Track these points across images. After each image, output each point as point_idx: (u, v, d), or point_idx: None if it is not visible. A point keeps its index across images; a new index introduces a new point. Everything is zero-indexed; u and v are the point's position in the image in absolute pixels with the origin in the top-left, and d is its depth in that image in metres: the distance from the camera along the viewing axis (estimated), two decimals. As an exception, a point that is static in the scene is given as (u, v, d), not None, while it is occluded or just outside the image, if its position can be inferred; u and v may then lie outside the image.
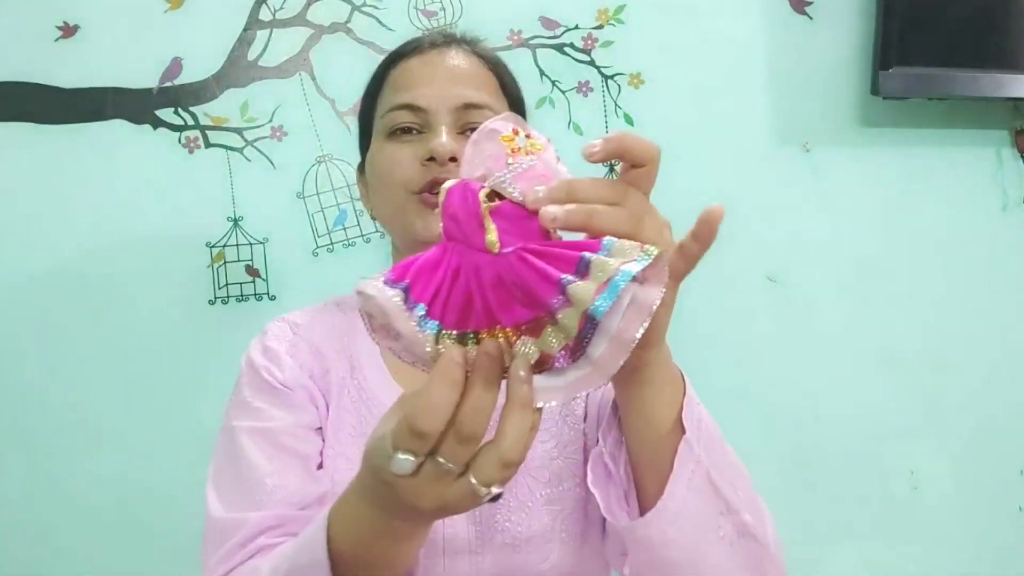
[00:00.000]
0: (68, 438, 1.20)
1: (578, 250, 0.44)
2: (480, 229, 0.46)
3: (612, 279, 0.42)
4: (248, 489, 0.74)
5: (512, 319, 0.45)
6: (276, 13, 1.19)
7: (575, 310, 0.43)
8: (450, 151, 0.77)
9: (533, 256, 0.45)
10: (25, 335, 1.19)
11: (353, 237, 1.21)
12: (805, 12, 1.21)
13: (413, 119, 0.81)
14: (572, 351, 0.45)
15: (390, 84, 0.84)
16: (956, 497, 1.26)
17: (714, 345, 1.22)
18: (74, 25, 1.17)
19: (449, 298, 0.46)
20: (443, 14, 1.20)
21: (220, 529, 0.73)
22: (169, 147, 1.19)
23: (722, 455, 0.65)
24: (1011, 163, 1.25)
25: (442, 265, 0.47)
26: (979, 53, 1.18)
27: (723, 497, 0.62)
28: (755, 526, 0.63)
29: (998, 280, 1.25)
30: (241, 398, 0.81)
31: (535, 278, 0.44)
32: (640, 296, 0.44)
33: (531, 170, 0.47)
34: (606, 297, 0.42)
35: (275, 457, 0.75)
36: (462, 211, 0.46)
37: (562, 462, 0.79)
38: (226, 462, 0.78)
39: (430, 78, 0.82)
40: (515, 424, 0.45)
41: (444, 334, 0.46)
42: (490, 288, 0.45)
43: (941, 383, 1.25)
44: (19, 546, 1.20)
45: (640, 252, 0.44)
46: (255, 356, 0.83)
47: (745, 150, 1.22)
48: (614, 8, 1.20)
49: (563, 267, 0.44)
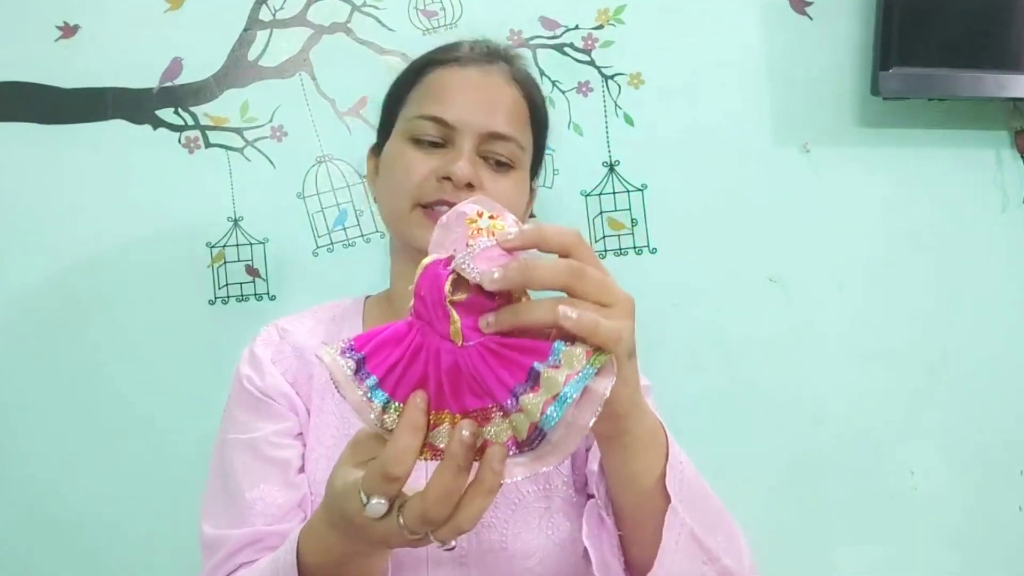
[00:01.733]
0: (68, 438, 1.20)
1: (531, 355, 0.48)
2: (445, 318, 0.49)
3: (559, 395, 0.46)
4: (231, 504, 0.79)
5: (461, 406, 0.49)
6: (276, 13, 1.19)
7: (526, 418, 0.47)
8: (468, 177, 0.78)
9: (491, 356, 0.48)
10: (25, 335, 1.19)
11: (353, 237, 1.21)
12: (805, 12, 1.21)
13: (439, 133, 0.82)
14: (520, 445, 0.48)
15: (424, 87, 0.85)
16: (956, 497, 1.26)
17: (714, 345, 1.22)
18: (74, 25, 1.17)
19: (405, 375, 0.50)
20: (443, 14, 1.20)
21: (208, 545, 0.79)
22: (169, 147, 1.19)
23: (703, 506, 0.68)
24: (1011, 163, 1.25)
25: (405, 341, 0.50)
26: (979, 53, 1.18)
27: (706, 548, 0.66)
28: (734, 567, 0.68)
29: (998, 280, 1.25)
30: (230, 411, 0.85)
31: (492, 379, 0.48)
32: (592, 387, 0.48)
33: (488, 251, 0.49)
34: (554, 410, 0.46)
35: (257, 469, 0.80)
36: (430, 297, 0.50)
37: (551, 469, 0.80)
38: (215, 477, 0.84)
39: (464, 98, 0.82)
40: (478, 504, 0.49)
41: (392, 406, 0.50)
42: (446, 373, 0.49)
43: (941, 383, 1.25)
44: (17, 549, 1.20)
45: (586, 362, 0.47)
46: (242, 366, 0.86)
47: (745, 150, 1.22)
48: (614, 8, 1.20)
49: (516, 374, 0.48)
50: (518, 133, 0.84)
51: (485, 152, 0.82)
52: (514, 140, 0.83)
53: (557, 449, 0.48)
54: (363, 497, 0.51)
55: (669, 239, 1.21)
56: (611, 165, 1.21)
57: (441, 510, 0.48)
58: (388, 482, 0.49)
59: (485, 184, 0.80)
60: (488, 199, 0.54)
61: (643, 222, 1.21)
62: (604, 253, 1.21)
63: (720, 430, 1.22)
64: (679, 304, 1.21)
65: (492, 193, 0.80)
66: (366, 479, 0.51)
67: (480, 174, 0.81)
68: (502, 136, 0.82)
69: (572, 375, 0.47)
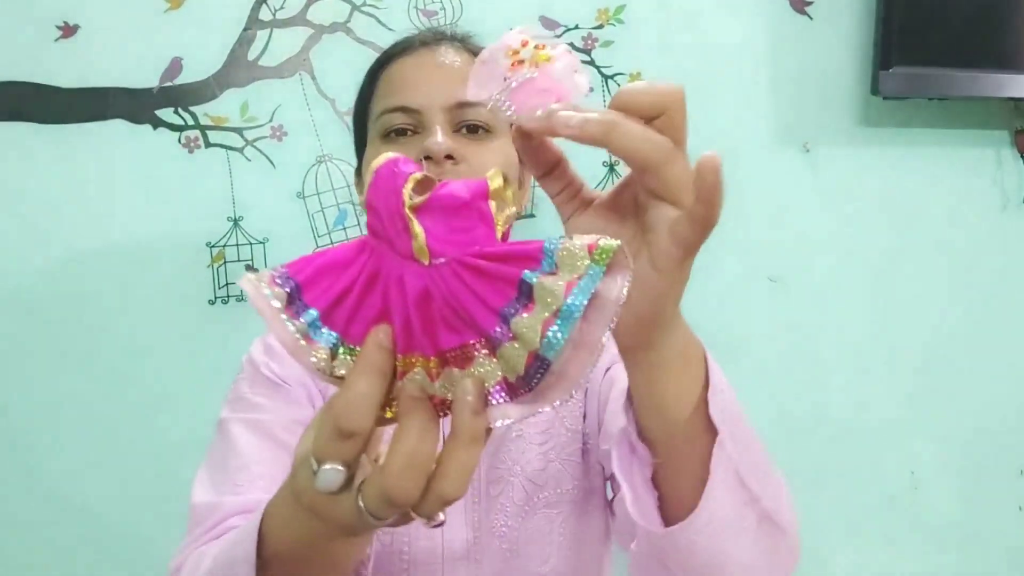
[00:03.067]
0: (68, 437, 1.20)
1: (519, 263, 0.36)
2: (405, 231, 0.37)
3: (561, 308, 0.35)
4: (231, 475, 0.73)
5: (435, 345, 0.37)
6: (276, 13, 1.19)
7: (522, 347, 0.36)
8: (446, 149, 0.75)
9: (470, 273, 0.37)
10: (24, 335, 1.19)
11: (353, 237, 1.21)
12: (805, 12, 1.21)
13: (407, 120, 0.80)
14: (512, 388, 0.37)
15: (382, 86, 0.84)
16: (956, 497, 1.26)
17: (714, 345, 1.21)
18: (74, 25, 1.17)
19: (359, 308, 0.39)
20: (443, 14, 1.20)
21: (197, 514, 0.72)
22: (169, 147, 1.19)
23: (746, 440, 0.57)
24: (1011, 163, 1.25)
25: (354, 266, 0.39)
26: (979, 53, 1.18)
27: (748, 488, 0.56)
28: (774, 511, 0.59)
29: (998, 280, 1.25)
30: (238, 394, 0.81)
31: (473, 302, 0.36)
32: (602, 291, 0.36)
33: (529, 84, 0.40)
34: (558, 330, 0.35)
35: (266, 448, 0.75)
36: (384, 205, 0.38)
37: (559, 464, 0.79)
38: (215, 452, 0.77)
39: (422, 78, 0.80)
40: (461, 462, 0.38)
41: (343, 348, 0.39)
42: (414, 304, 0.37)
43: (941, 383, 1.25)
44: (14, 547, 1.20)
45: (589, 258, 0.36)
46: (256, 354, 0.83)
47: (745, 150, 1.22)
48: (614, 8, 1.20)
49: (504, 291, 0.36)
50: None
51: (459, 123, 0.79)
52: (482, 103, 0.81)
53: (562, 380, 0.36)
54: (313, 464, 0.40)
55: (669, 239, 1.21)
56: (611, 165, 1.21)
57: (408, 484, 0.38)
58: (341, 440, 0.38)
59: (466, 154, 0.77)
60: (536, 26, 0.44)
61: (643, 222, 1.21)
62: (604, 253, 1.21)
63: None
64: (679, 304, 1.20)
65: (476, 162, 0.76)
66: (316, 439, 0.40)
67: (459, 145, 0.77)
68: (468, 103, 0.79)
69: (574, 280, 0.35)
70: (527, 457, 0.79)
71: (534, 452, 0.79)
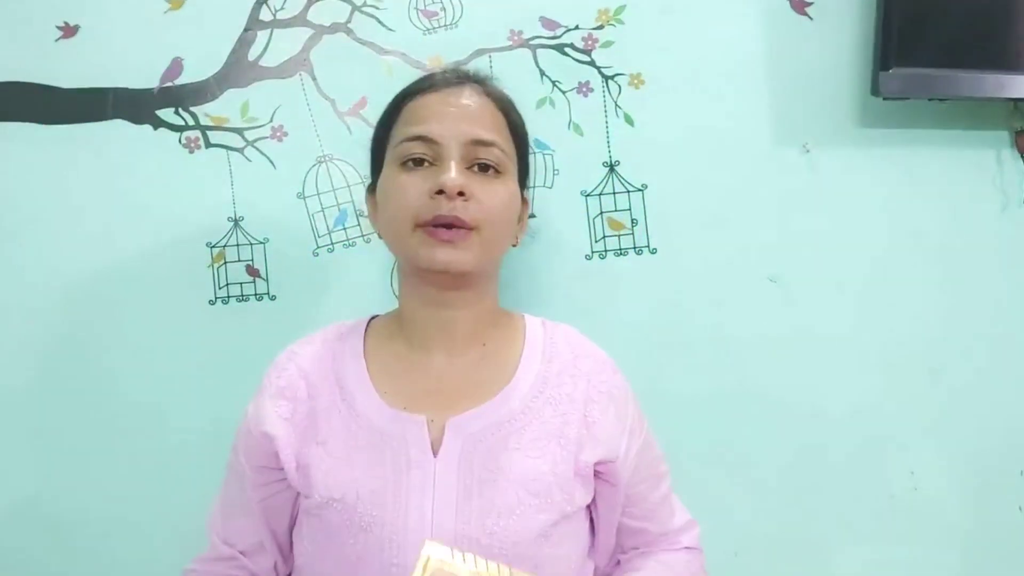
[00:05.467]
0: (68, 438, 1.20)
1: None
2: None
3: None
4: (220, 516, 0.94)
5: None
6: (276, 13, 1.19)
7: None
8: (459, 185, 0.83)
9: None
10: (24, 334, 1.19)
11: (353, 237, 1.21)
12: (805, 12, 1.21)
13: (425, 150, 0.86)
14: None
15: (404, 116, 0.90)
16: (956, 497, 1.26)
17: (714, 345, 1.22)
18: (74, 25, 1.17)
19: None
20: (443, 14, 1.20)
21: (208, 533, 0.93)
22: (169, 147, 1.19)
23: None
24: (1011, 163, 1.25)
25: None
26: (980, 54, 1.18)
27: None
28: None
29: (998, 280, 1.25)
30: (237, 435, 0.92)
31: None
32: None
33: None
34: None
35: (235, 502, 0.92)
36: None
37: (552, 478, 0.83)
38: (223, 484, 0.95)
39: (443, 114, 0.87)
40: None
41: None
42: None
43: (941, 383, 1.25)
44: (28, 546, 1.20)
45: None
46: (249, 406, 0.92)
47: (745, 150, 1.22)
48: (614, 8, 1.20)
49: None
50: (500, 138, 0.88)
51: (472, 160, 0.86)
52: (496, 144, 0.87)
53: None
54: None
55: (669, 239, 1.21)
56: (611, 165, 1.21)
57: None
58: None
59: (476, 191, 0.84)
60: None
61: (643, 222, 1.21)
62: (604, 253, 1.21)
63: (720, 430, 1.22)
64: (679, 304, 1.20)
65: (484, 199, 0.85)
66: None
67: (470, 182, 0.85)
68: (484, 142, 0.86)
69: None
70: (523, 467, 0.83)
71: (529, 463, 0.83)
